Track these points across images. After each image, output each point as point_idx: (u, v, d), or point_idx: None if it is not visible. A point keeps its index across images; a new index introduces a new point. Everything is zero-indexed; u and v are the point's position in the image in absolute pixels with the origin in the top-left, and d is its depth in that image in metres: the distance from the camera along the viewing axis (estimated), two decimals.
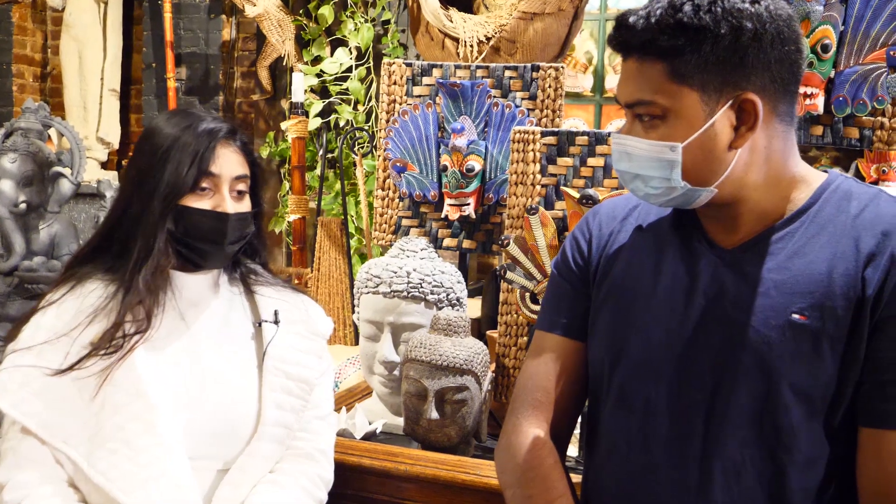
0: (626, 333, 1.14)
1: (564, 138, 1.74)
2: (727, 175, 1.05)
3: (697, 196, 1.07)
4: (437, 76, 2.03)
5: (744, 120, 1.03)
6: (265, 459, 1.32)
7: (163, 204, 1.27)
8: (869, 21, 1.56)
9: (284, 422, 1.35)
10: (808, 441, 1.02)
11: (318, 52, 4.06)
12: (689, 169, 1.04)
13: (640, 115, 1.06)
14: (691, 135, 1.03)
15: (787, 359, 1.02)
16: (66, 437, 1.20)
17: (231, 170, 1.33)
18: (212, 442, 1.28)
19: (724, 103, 1.02)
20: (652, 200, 1.11)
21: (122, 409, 1.21)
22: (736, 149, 1.04)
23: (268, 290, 1.44)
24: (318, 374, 1.43)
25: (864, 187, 1.09)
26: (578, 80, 4.71)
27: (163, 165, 1.28)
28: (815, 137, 1.64)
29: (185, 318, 1.32)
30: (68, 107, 4.65)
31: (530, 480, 1.17)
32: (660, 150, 1.04)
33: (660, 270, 1.14)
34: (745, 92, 1.02)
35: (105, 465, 1.19)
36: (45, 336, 1.24)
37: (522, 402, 1.23)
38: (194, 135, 1.29)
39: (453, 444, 1.62)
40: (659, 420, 1.10)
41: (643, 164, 1.07)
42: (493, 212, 1.99)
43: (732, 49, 1.00)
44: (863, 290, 1.00)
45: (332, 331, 1.54)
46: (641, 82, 1.04)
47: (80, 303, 1.27)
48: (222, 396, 1.30)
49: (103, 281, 1.30)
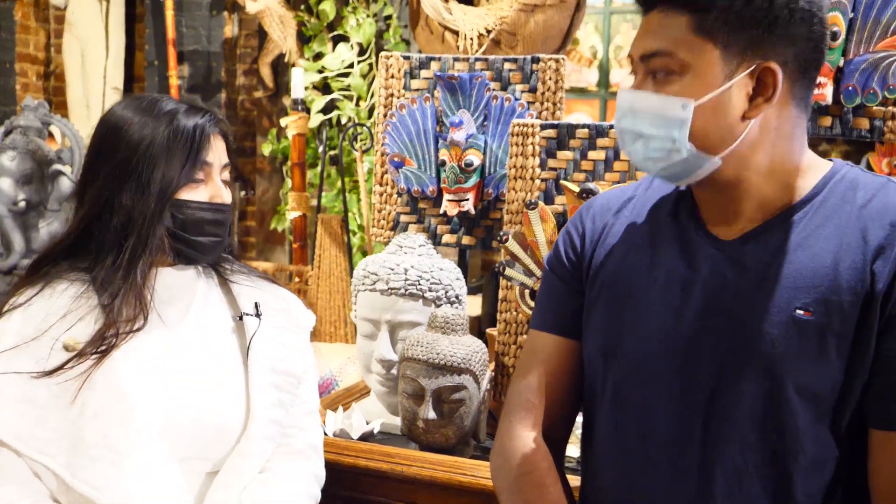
0: (620, 331, 1.10)
1: (564, 131, 1.70)
2: (734, 148, 1.00)
3: (700, 165, 1.01)
4: (435, 69, 1.99)
5: (761, 91, 0.99)
6: (257, 458, 1.27)
7: (158, 198, 1.22)
8: (879, 7, 1.51)
9: (275, 418, 1.30)
10: (814, 444, 0.98)
11: (320, 48, 4.03)
12: (697, 131, 0.99)
13: (655, 72, 1.01)
14: (707, 94, 0.98)
15: (792, 357, 0.97)
16: (42, 447, 1.14)
17: (221, 157, 1.30)
18: (199, 444, 1.23)
19: (745, 68, 0.98)
20: (650, 167, 1.05)
21: (103, 413, 1.15)
22: (748, 119, 0.99)
23: (244, 279, 1.39)
24: (303, 367, 1.38)
25: (871, 176, 1.04)
26: (583, 75, 4.66)
27: (152, 158, 1.23)
28: (823, 128, 1.59)
29: (161, 315, 1.26)
30: (71, 105, 4.64)
31: (524, 485, 1.13)
32: (671, 106, 0.99)
33: (656, 264, 1.09)
34: (768, 61, 0.98)
35: (88, 473, 1.13)
36: (12, 341, 1.18)
37: (516, 405, 1.19)
38: (182, 123, 1.25)
39: (451, 444, 1.59)
40: (656, 422, 1.05)
41: (649, 121, 1.01)
42: (493, 207, 1.95)
43: (764, 14, 0.96)
44: (872, 284, 0.95)
45: (333, 329, 1.50)
46: (662, 33, 1.00)
47: (50, 304, 1.21)
48: (207, 396, 1.25)
49: (76, 281, 1.24)
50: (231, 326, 1.33)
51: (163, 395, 1.21)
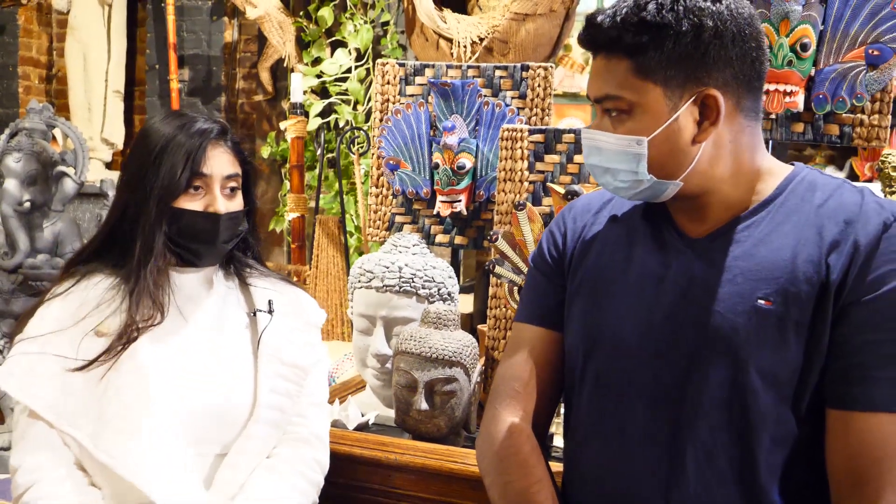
0: (599, 322, 1.17)
1: (551, 136, 1.77)
2: (692, 168, 1.08)
3: (664, 189, 1.10)
4: (429, 76, 2.07)
5: (706, 115, 1.07)
6: (262, 441, 1.37)
7: (158, 206, 1.32)
8: (848, 20, 1.59)
9: (279, 405, 1.39)
10: (776, 424, 1.05)
11: (318, 53, 4.10)
12: (654, 162, 1.08)
13: (609, 110, 1.10)
14: (656, 129, 1.07)
15: (754, 344, 1.04)
16: (72, 420, 1.25)
17: (222, 169, 1.37)
18: (210, 427, 1.33)
19: (687, 98, 1.06)
20: (622, 194, 1.15)
21: (125, 392, 1.26)
22: (699, 143, 1.08)
23: (262, 281, 1.49)
24: (311, 361, 1.47)
25: (829, 178, 1.12)
26: (575, 81, 4.74)
27: (157, 167, 1.32)
28: (796, 134, 1.67)
29: (182, 313, 1.37)
30: (73, 108, 4.69)
31: (508, 467, 1.20)
32: (626, 144, 1.08)
33: (631, 260, 1.17)
34: (707, 88, 1.06)
35: (109, 444, 1.24)
36: (50, 326, 1.30)
37: (501, 393, 1.26)
38: (186, 136, 1.34)
39: (443, 434, 1.65)
40: (633, 405, 1.13)
41: (612, 157, 1.11)
42: (485, 208, 2.02)
43: (694, 46, 1.04)
44: (827, 275, 1.03)
45: (330, 327, 1.58)
46: (608, 78, 1.08)
47: (86, 294, 1.33)
48: (219, 383, 1.35)
49: (109, 275, 1.35)
50: (245, 323, 1.44)
51: (179, 380, 1.32)
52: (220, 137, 1.38)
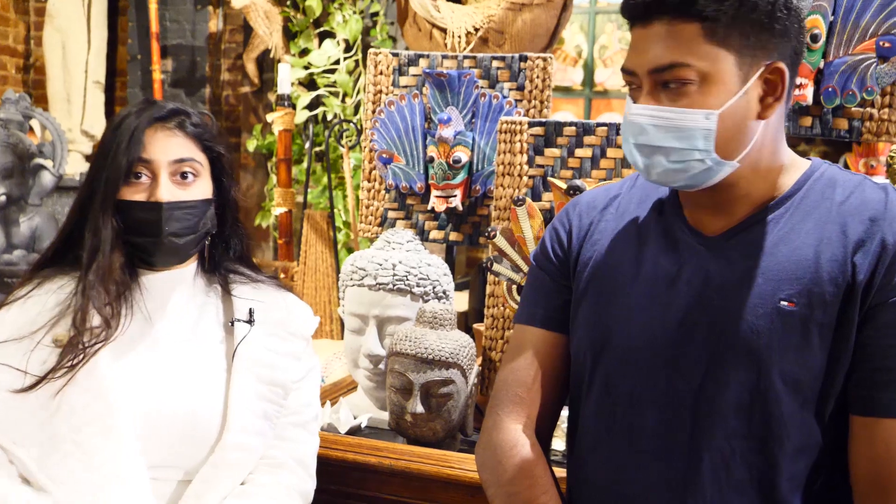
0: (608, 324, 1.12)
1: (552, 129, 1.72)
2: (749, 149, 1.02)
3: (719, 171, 1.02)
4: (423, 66, 2.01)
5: (771, 90, 1.01)
6: (232, 469, 1.23)
7: (102, 198, 1.21)
8: (859, 11, 1.55)
9: (254, 428, 1.25)
10: (798, 431, 1.00)
11: (306, 44, 4.03)
12: (720, 139, 1.00)
13: (667, 82, 1.00)
14: (727, 101, 0.99)
15: (776, 347, 1.00)
16: (18, 438, 1.14)
17: (167, 153, 1.24)
18: (172, 450, 1.20)
19: (756, 69, 1.00)
20: (669, 178, 1.05)
21: (81, 410, 1.15)
22: (762, 120, 1.01)
23: (246, 289, 1.35)
24: (295, 377, 1.33)
25: (849, 174, 1.08)
26: (568, 74, 4.69)
27: (104, 157, 1.22)
28: (803, 128, 1.62)
29: (151, 320, 1.26)
30: (52, 99, 4.59)
31: (513, 478, 1.14)
32: (694, 118, 0.99)
33: (642, 259, 1.12)
34: (776, 61, 1.00)
35: (58, 468, 1.13)
36: (6, 334, 1.19)
37: (503, 398, 1.20)
38: (132, 120, 1.23)
39: (439, 438, 1.60)
40: (645, 412, 1.08)
41: (669, 135, 1.01)
42: (481, 204, 1.97)
43: (769, 14, 0.98)
44: (853, 276, 0.99)
45: (318, 325, 1.48)
46: (674, 45, 0.99)
47: (46, 300, 1.22)
48: (184, 400, 1.22)
49: (70, 279, 1.24)
50: (221, 335, 1.31)
51: (141, 397, 1.19)
52: (168, 119, 1.26)
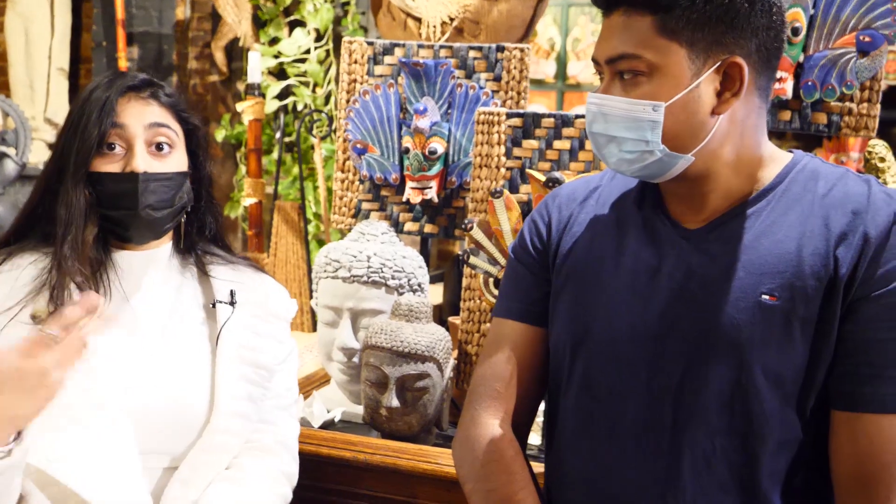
0: (588, 318, 1.10)
1: (530, 120, 1.70)
2: (705, 144, 1.01)
3: (673, 164, 1.03)
4: (399, 55, 1.97)
5: (728, 85, 1.00)
6: (219, 454, 1.21)
7: (74, 168, 1.17)
8: (839, 5, 1.55)
9: (241, 412, 1.24)
10: (780, 426, 1.00)
11: (276, 32, 3.96)
12: (669, 131, 1.00)
13: (622, 73, 1.01)
14: (675, 94, 0.99)
15: (758, 342, 0.99)
16: None
17: (142, 118, 1.21)
18: (159, 436, 1.18)
19: (711, 64, 0.99)
20: (624, 168, 1.06)
21: (71, 385, 1.08)
22: (718, 115, 1.01)
23: (224, 270, 1.33)
24: (278, 359, 1.33)
25: (832, 167, 1.07)
26: (541, 67, 4.68)
27: (74, 127, 1.18)
28: (782, 122, 1.62)
29: (129, 300, 1.23)
30: (14, 86, 4.47)
31: (491, 473, 1.12)
32: (641, 110, 1.00)
33: (622, 252, 1.10)
34: (733, 56, 0.99)
35: (48, 445, 1.08)
36: None
37: (481, 394, 1.18)
38: (103, 90, 1.19)
39: (414, 432, 1.58)
40: (625, 408, 1.06)
41: (620, 125, 1.02)
42: (456, 196, 1.94)
43: (725, 8, 0.97)
44: (835, 269, 0.98)
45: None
46: (627, 36, 1.00)
47: (17, 276, 1.17)
48: (170, 385, 1.20)
49: (41, 255, 1.20)
50: (203, 316, 1.28)
51: (126, 384, 1.16)
52: (141, 89, 1.23)
